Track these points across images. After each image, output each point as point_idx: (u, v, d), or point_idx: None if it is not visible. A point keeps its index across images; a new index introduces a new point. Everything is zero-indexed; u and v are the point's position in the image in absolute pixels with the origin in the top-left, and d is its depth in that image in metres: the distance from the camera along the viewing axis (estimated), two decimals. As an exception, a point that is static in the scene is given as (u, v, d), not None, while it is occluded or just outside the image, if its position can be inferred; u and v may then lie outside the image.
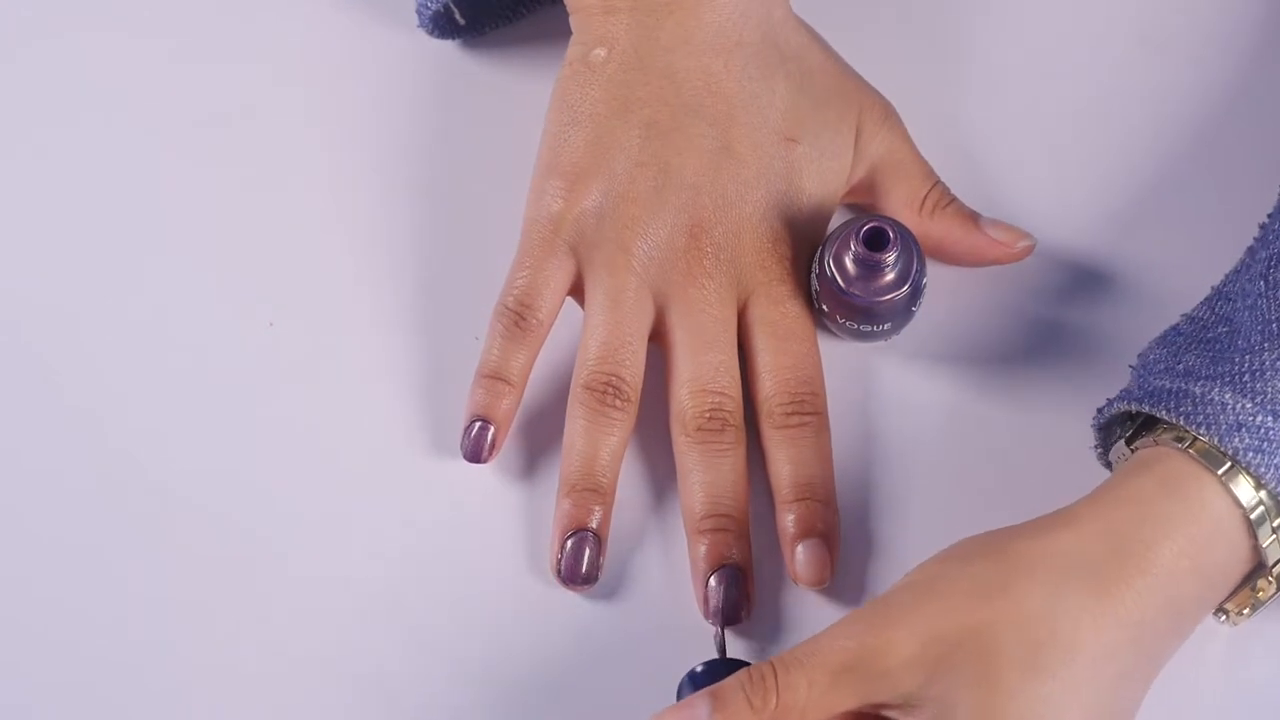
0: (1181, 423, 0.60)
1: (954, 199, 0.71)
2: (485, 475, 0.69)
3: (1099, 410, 0.64)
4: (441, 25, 0.74)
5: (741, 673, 0.59)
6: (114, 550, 0.69)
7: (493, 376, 0.68)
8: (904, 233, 0.67)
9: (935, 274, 0.70)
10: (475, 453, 0.68)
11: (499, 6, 0.75)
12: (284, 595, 0.68)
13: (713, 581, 0.66)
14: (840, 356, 0.70)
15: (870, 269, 0.66)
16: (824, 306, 0.69)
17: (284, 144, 0.75)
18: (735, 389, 0.68)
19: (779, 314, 0.69)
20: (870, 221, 0.66)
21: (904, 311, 0.68)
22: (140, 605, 0.68)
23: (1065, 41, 0.75)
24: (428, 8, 0.73)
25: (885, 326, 0.69)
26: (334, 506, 0.69)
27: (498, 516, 0.69)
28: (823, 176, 0.70)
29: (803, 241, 0.69)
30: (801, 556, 0.66)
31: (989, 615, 0.58)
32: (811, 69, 0.70)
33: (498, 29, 0.76)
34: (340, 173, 0.74)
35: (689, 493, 0.67)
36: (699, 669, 0.64)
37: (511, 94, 0.74)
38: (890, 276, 0.67)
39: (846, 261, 0.67)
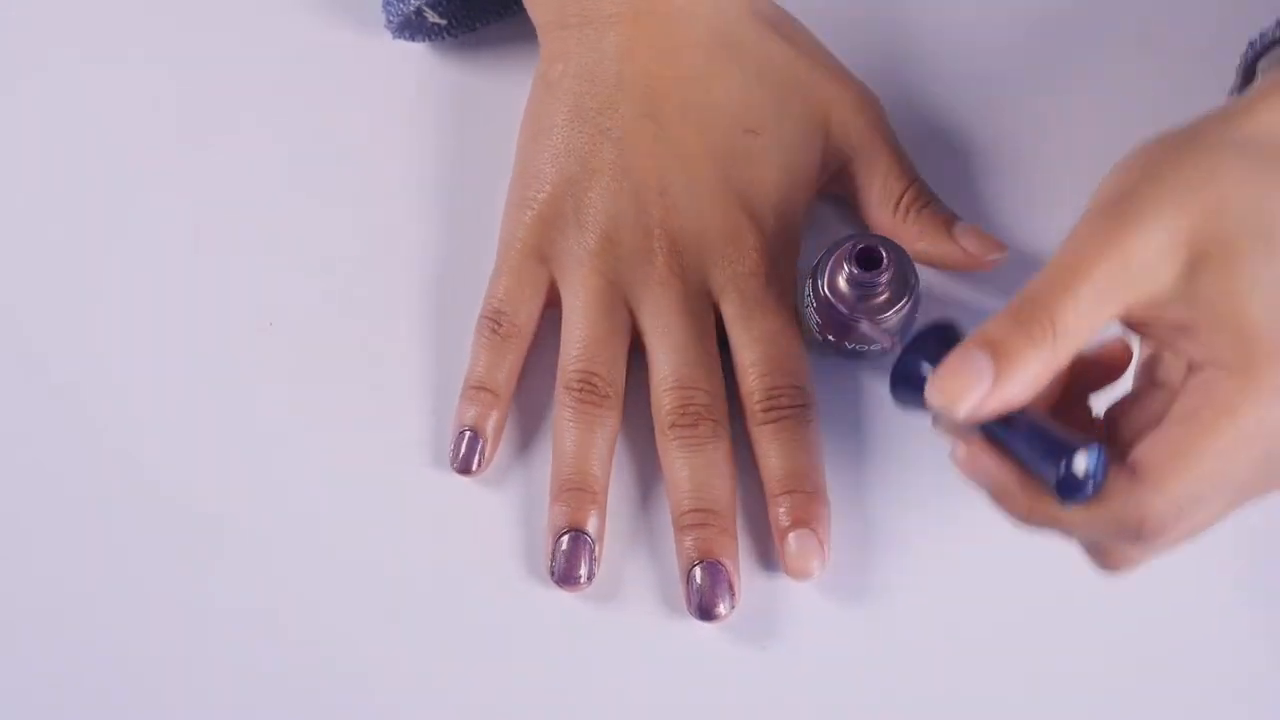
0: None
1: (930, 200, 0.70)
2: (485, 478, 0.70)
3: (1251, 43, 0.63)
4: (411, 28, 0.74)
5: (1003, 314, 0.54)
6: (110, 550, 0.70)
7: (479, 388, 0.69)
8: (896, 251, 0.66)
9: (931, 276, 0.69)
10: (464, 465, 0.69)
11: (488, 3, 0.74)
12: (279, 596, 0.69)
13: (690, 576, 0.67)
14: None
15: (865, 289, 0.66)
16: (820, 330, 0.68)
17: (286, 144, 0.75)
18: (711, 383, 0.68)
19: (752, 309, 0.68)
20: (861, 242, 0.65)
21: (902, 330, 0.67)
22: (136, 604, 0.69)
23: (1064, 40, 0.74)
24: (399, 11, 0.72)
25: (885, 345, 0.68)
26: (331, 507, 0.70)
27: (497, 518, 0.70)
28: (787, 167, 0.69)
29: (774, 234, 0.69)
30: (788, 548, 0.67)
31: (1216, 195, 0.55)
32: (772, 59, 0.69)
33: (486, 25, 0.75)
34: (342, 173, 0.74)
35: (670, 489, 0.68)
36: (910, 347, 0.57)
37: (505, 96, 0.74)
38: (885, 296, 0.66)
39: (840, 283, 0.66)
